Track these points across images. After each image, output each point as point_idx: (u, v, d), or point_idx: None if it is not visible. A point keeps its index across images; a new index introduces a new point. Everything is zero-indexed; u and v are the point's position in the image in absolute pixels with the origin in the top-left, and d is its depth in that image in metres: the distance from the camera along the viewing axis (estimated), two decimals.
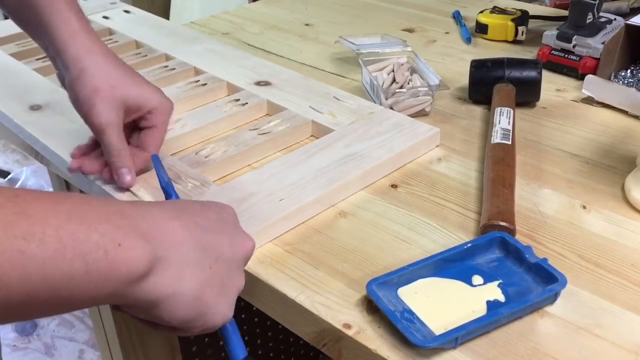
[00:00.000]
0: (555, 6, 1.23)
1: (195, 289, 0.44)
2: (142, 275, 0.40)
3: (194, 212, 0.47)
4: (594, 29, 0.89)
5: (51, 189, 1.12)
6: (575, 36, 0.89)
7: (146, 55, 0.95)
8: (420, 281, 0.52)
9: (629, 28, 0.84)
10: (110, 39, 1.01)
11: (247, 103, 0.80)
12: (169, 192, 0.57)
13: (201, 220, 0.46)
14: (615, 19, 0.92)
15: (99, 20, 1.08)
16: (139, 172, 0.65)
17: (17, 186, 2.15)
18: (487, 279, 0.52)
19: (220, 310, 0.46)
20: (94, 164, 0.65)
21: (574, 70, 0.90)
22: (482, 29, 1.05)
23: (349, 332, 0.49)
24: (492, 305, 0.50)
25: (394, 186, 0.67)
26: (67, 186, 0.97)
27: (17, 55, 0.94)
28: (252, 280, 0.55)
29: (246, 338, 1.16)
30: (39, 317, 0.37)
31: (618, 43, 0.85)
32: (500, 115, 0.74)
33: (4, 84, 0.85)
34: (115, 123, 0.61)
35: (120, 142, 0.62)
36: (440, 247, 0.57)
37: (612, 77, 0.85)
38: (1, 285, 0.33)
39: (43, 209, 0.36)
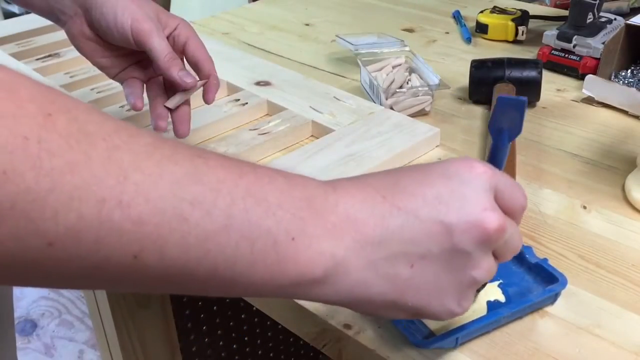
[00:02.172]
0: (556, 6, 1.23)
1: (388, 295, 0.36)
2: (314, 281, 0.34)
3: (415, 190, 0.37)
4: (594, 29, 0.89)
5: None
6: (575, 36, 0.89)
7: None
8: None
9: (629, 28, 0.84)
10: None
11: (247, 103, 0.80)
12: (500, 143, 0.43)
13: (419, 200, 0.36)
14: (615, 19, 0.92)
15: None
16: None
17: None
18: None
19: (436, 310, 0.38)
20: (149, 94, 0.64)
21: (574, 70, 0.90)
22: (482, 28, 1.05)
23: (349, 332, 0.49)
24: (492, 305, 0.50)
25: None
26: None
27: (17, 55, 0.94)
28: None
29: (246, 338, 1.16)
30: (211, 295, 0.33)
31: (618, 43, 0.85)
32: None
33: None
34: (158, 27, 0.59)
35: (169, 47, 0.59)
36: None
37: (613, 77, 0.85)
38: (155, 247, 0.29)
39: (222, 178, 0.31)
